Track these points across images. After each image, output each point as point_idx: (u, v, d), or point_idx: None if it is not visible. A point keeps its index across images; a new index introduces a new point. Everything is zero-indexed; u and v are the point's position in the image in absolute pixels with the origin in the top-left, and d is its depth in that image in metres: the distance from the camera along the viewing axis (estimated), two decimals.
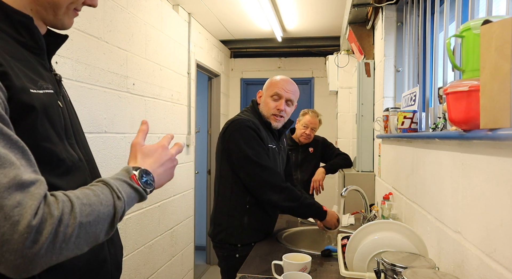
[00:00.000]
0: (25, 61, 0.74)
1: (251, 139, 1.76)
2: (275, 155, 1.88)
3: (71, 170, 0.78)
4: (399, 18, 2.38)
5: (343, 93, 3.96)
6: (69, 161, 0.78)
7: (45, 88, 0.74)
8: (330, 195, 4.03)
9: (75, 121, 0.89)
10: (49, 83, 0.78)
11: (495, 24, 0.74)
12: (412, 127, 1.63)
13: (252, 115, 1.88)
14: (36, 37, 0.77)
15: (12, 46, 0.73)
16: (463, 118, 0.88)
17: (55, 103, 0.77)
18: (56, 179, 0.73)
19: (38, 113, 0.69)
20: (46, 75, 0.79)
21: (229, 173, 1.81)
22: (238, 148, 1.76)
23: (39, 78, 0.74)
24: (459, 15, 1.36)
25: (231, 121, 1.83)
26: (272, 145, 1.86)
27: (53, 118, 0.75)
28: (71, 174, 0.78)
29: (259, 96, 1.93)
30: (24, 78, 0.69)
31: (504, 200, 0.79)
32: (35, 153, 0.65)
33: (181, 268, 3.35)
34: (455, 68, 0.97)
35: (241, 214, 1.80)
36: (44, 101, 0.72)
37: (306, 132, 2.99)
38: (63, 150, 0.77)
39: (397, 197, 1.92)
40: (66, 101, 0.88)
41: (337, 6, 3.30)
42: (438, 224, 1.24)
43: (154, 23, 2.79)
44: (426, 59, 1.86)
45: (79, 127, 0.93)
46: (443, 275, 0.95)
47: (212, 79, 4.45)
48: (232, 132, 1.79)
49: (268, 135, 1.87)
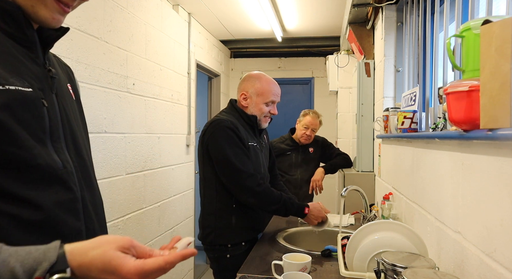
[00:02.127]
0: (4, 54, 0.67)
1: (229, 139, 1.75)
2: (256, 152, 1.88)
3: (48, 178, 0.69)
4: (399, 18, 2.38)
5: (343, 93, 3.96)
6: (47, 168, 0.69)
7: (18, 85, 0.66)
8: (330, 195, 4.03)
9: (71, 123, 0.81)
10: (30, 79, 0.70)
11: (495, 24, 0.74)
12: (412, 127, 1.63)
13: (230, 115, 1.87)
14: (23, 28, 0.70)
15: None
16: (463, 118, 0.88)
17: (32, 102, 0.69)
18: (23, 188, 0.65)
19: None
20: (33, 70, 0.72)
21: (212, 174, 1.81)
22: (216, 149, 1.76)
23: (13, 74, 0.67)
24: (459, 15, 1.36)
25: (209, 122, 1.82)
26: (253, 142, 1.86)
27: (26, 118, 0.66)
28: (46, 183, 0.69)
29: (244, 98, 1.89)
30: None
31: (504, 200, 0.79)
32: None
33: (181, 268, 3.35)
34: (455, 68, 0.97)
35: (229, 214, 1.80)
36: (8, 99, 0.64)
37: (306, 133, 2.99)
38: (38, 155, 0.68)
39: (397, 197, 1.92)
40: (62, 100, 0.79)
41: (337, 6, 3.30)
42: (438, 224, 1.24)
43: (154, 23, 2.79)
44: (426, 59, 1.86)
45: (77, 130, 0.84)
46: (443, 275, 0.95)
47: (212, 79, 4.44)
48: (211, 134, 1.78)
49: (248, 133, 1.87)
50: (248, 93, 1.89)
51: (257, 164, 1.85)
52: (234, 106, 1.93)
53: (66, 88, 0.85)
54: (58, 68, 0.85)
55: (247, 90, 1.89)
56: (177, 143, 3.25)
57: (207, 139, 1.79)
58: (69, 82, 0.89)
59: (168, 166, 3.04)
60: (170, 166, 3.08)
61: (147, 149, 2.64)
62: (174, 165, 3.18)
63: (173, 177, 3.14)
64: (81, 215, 0.76)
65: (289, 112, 4.56)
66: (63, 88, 0.82)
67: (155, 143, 2.77)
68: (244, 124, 1.87)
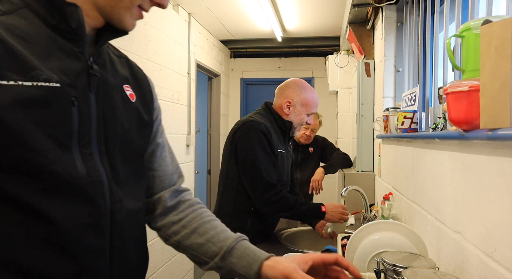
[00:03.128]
0: (41, 46, 0.61)
1: (260, 144, 1.73)
2: (283, 160, 1.86)
3: (66, 187, 0.61)
4: (399, 18, 2.37)
5: (343, 93, 3.96)
6: (64, 175, 0.61)
7: (42, 81, 0.59)
8: (330, 195, 4.03)
9: (114, 128, 0.71)
10: (62, 74, 0.62)
11: (495, 24, 0.74)
12: (412, 127, 1.63)
13: (265, 118, 1.84)
14: (68, 20, 0.64)
15: (35, 27, 0.62)
16: (463, 118, 0.88)
17: (57, 100, 0.61)
18: (33, 197, 0.58)
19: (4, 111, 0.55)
20: (70, 65, 0.64)
21: (235, 174, 1.79)
22: (245, 151, 1.75)
23: (42, 68, 0.60)
24: (459, 15, 1.36)
25: (243, 122, 1.80)
26: (281, 149, 1.85)
27: (44, 118, 0.59)
28: (62, 193, 0.61)
29: (287, 105, 1.86)
30: (7, 64, 0.56)
31: (504, 200, 0.79)
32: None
33: (181, 268, 3.35)
34: (455, 68, 0.97)
35: (245, 216, 1.78)
36: (24, 96, 0.56)
37: (306, 133, 2.99)
38: (54, 160, 0.60)
39: (397, 197, 1.92)
40: (105, 100, 0.70)
41: (337, 6, 3.30)
42: (438, 224, 1.24)
43: (154, 23, 2.79)
44: (426, 59, 1.86)
45: (124, 136, 0.73)
46: (443, 275, 0.95)
47: (212, 79, 4.44)
48: (242, 134, 1.76)
49: (279, 139, 1.85)
50: (293, 102, 1.86)
51: (281, 172, 1.83)
52: (269, 109, 1.89)
53: (117, 88, 0.75)
54: (116, 67, 0.78)
55: (292, 98, 1.86)
56: (177, 143, 3.25)
57: (238, 138, 1.77)
58: (127, 83, 0.79)
59: None
60: None
61: None
62: None
63: None
64: (105, 231, 0.67)
65: None
66: (110, 88, 0.73)
67: None
68: (277, 129, 1.85)
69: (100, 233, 0.66)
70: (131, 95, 0.79)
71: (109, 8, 0.67)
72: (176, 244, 0.88)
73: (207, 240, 0.85)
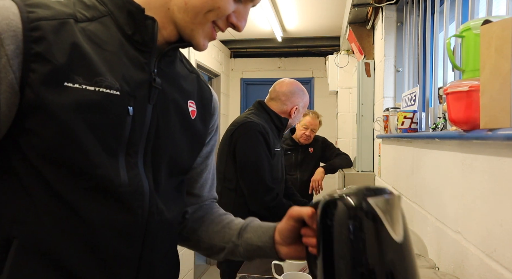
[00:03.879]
0: (111, 53, 0.64)
1: (259, 145, 1.73)
2: (279, 158, 1.87)
3: (105, 192, 0.62)
4: (399, 18, 2.38)
5: (343, 93, 3.96)
6: (105, 181, 0.62)
7: (103, 86, 0.61)
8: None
9: (164, 141, 0.71)
10: (124, 83, 0.64)
11: (495, 24, 0.74)
12: (412, 127, 1.63)
13: (261, 118, 1.83)
14: (142, 32, 0.66)
15: (111, 34, 0.65)
16: (463, 118, 0.88)
17: (114, 107, 0.62)
18: (76, 193, 0.60)
19: (63, 110, 0.57)
20: (134, 75, 0.66)
21: (234, 176, 1.78)
22: (244, 152, 1.74)
23: (107, 75, 0.62)
24: (459, 15, 1.36)
25: (240, 123, 1.79)
26: (278, 148, 1.86)
27: (98, 123, 0.60)
28: (101, 197, 0.62)
29: (294, 111, 1.89)
30: (77, 68, 0.59)
31: (504, 200, 0.79)
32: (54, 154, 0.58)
33: (181, 268, 3.33)
34: (455, 68, 0.97)
35: (244, 217, 1.79)
36: (85, 99, 0.59)
37: (306, 133, 2.99)
38: (100, 165, 0.61)
39: None
40: (162, 113, 0.70)
41: (337, 6, 3.31)
42: (438, 224, 1.24)
43: None
44: (426, 59, 1.86)
45: (172, 150, 0.73)
46: (443, 275, 0.95)
47: (212, 79, 4.45)
48: (241, 135, 1.75)
49: (275, 137, 1.85)
50: (299, 107, 1.91)
51: (276, 170, 1.84)
52: (263, 107, 1.89)
53: (181, 104, 0.75)
54: (182, 82, 0.77)
55: (297, 104, 1.90)
56: None
57: (236, 140, 1.76)
58: (192, 99, 0.79)
59: None
60: None
61: None
62: None
63: None
64: (138, 242, 0.67)
65: None
66: (174, 103, 0.73)
67: None
68: (273, 128, 1.86)
69: (132, 242, 0.66)
70: (193, 112, 0.78)
71: (183, 24, 0.68)
72: (190, 236, 0.88)
73: (223, 226, 0.86)
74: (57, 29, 0.59)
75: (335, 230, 0.54)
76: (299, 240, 0.73)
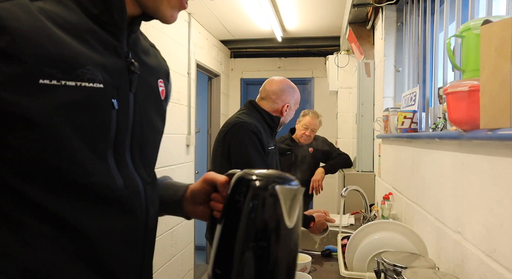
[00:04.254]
0: (81, 38, 0.54)
1: (253, 144, 1.74)
2: (273, 156, 1.88)
3: (102, 200, 0.56)
4: (399, 18, 2.38)
5: (343, 93, 3.96)
6: (102, 187, 0.56)
7: (85, 80, 0.52)
8: (330, 195, 4.03)
9: (146, 130, 0.65)
10: (105, 73, 0.56)
11: (495, 24, 0.74)
12: (412, 127, 1.63)
13: (252, 117, 1.84)
14: (112, 10, 0.57)
15: (75, 16, 0.55)
16: (463, 118, 0.88)
17: (99, 103, 0.55)
18: (67, 209, 0.53)
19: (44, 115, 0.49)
20: (111, 62, 0.58)
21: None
22: (239, 153, 1.75)
23: (88, 64, 0.53)
24: (459, 15, 1.36)
25: (232, 124, 1.79)
26: (271, 146, 1.86)
27: (85, 123, 0.53)
28: (99, 206, 0.56)
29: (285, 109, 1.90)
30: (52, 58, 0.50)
31: (504, 200, 0.79)
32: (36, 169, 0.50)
33: (181, 268, 3.35)
34: (455, 68, 0.97)
35: None
36: (66, 98, 0.50)
37: (306, 133, 2.99)
38: (93, 172, 0.54)
39: (397, 197, 1.92)
40: (142, 101, 0.63)
41: (337, 6, 3.30)
42: (438, 224, 1.24)
43: (154, 23, 2.77)
44: (426, 59, 1.86)
45: (151, 139, 0.68)
46: (443, 275, 0.95)
47: (212, 79, 4.45)
48: (234, 136, 1.76)
49: (268, 135, 1.86)
50: (290, 104, 1.92)
51: (271, 168, 1.84)
52: (254, 107, 1.90)
53: (153, 85, 0.69)
54: (148, 59, 0.70)
55: (288, 101, 1.91)
56: (177, 143, 3.25)
57: (229, 140, 1.76)
58: (161, 78, 0.73)
59: (168, 166, 3.04)
60: (170, 166, 3.08)
61: None
62: (174, 165, 3.17)
63: (173, 177, 3.10)
64: (139, 246, 0.63)
65: None
66: (147, 85, 0.67)
67: None
68: (265, 127, 1.86)
69: (135, 246, 0.62)
70: (162, 91, 0.72)
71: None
72: None
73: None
74: (15, 14, 0.48)
75: (239, 204, 0.59)
76: (207, 202, 0.74)
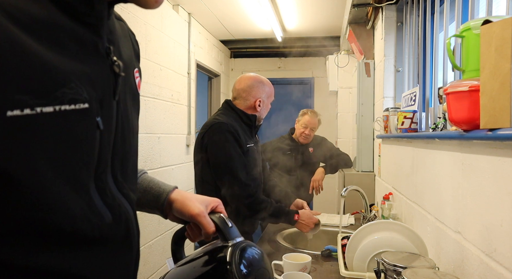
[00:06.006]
0: (53, 38, 0.41)
1: (229, 144, 1.74)
2: (254, 154, 1.88)
3: (91, 241, 0.46)
4: (399, 18, 2.38)
5: (343, 93, 3.96)
6: (89, 230, 0.45)
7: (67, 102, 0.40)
8: (330, 195, 4.03)
9: (128, 140, 0.55)
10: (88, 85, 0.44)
11: (495, 24, 0.74)
12: (412, 127, 1.63)
13: (229, 117, 1.85)
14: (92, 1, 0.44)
15: (42, 9, 0.40)
16: (463, 118, 0.88)
17: (83, 127, 0.43)
18: (52, 259, 0.42)
19: (14, 159, 0.36)
20: (93, 66, 0.46)
21: (211, 178, 1.79)
22: (216, 154, 1.75)
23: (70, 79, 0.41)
24: (459, 15, 1.36)
25: (209, 126, 1.80)
26: (251, 143, 1.87)
27: (64, 155, 0.41)
28: (86, 248, 0.46)
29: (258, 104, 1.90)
30: (22, 79, 0.36)
31: (504, 200, 0.79)
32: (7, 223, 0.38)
33: None
34: (455, 68, 0.97)
35: (228, 216, 1.78)
36: (43, 130, 0.38)
37: (305, 133, 2.99)
38: (78, 216, 0.44)
39: (397, 197, 1.92)
40: (124, 105, 0.53)
41: (337, 6, 3.31)
42: (438, 224, 1.24)
43: (154, 23, 2.79)
44: (426, 59, 1.86)
45: (132, 144, 0.57)
46: (443, 275, 0.95)
47: (212, 79, 4.45)
48: (211, 137, 1.76)
49: (246, 134, 1.86)
50: (262, 99, 1.91)
51: (253, 166, 1.85)
52: (231, 107, 1.91)
53: (131, 81, 0.58)
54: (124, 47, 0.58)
55: (260, 96, 1.90)
56: (177, 143, 3.25)
57: (207, 142, 1.77)
58: (136, 65, 0.62)
59: (168, 166, 3.04)
60: (170, 166, 3.08)
61: (147, 149, 2.64)
62: (174, 165, 3.18)
63: (173, 177, 3.14)
64: (132, 272, 0.57)
65: (288, 112, 4.55)
66: (128, 85, 0.56)
67: (155, 143, 2.77)
68: (242, 125, 1.87)
69: (130, 276, 0.56)
70: (139, 83, 0.62)
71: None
72: None
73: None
74: None
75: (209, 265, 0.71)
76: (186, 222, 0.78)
